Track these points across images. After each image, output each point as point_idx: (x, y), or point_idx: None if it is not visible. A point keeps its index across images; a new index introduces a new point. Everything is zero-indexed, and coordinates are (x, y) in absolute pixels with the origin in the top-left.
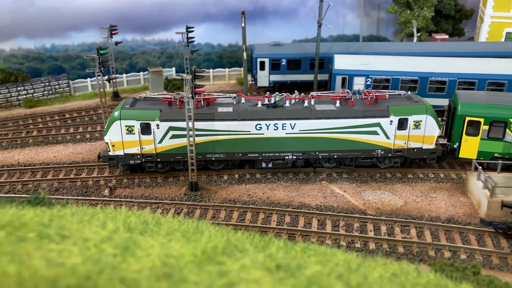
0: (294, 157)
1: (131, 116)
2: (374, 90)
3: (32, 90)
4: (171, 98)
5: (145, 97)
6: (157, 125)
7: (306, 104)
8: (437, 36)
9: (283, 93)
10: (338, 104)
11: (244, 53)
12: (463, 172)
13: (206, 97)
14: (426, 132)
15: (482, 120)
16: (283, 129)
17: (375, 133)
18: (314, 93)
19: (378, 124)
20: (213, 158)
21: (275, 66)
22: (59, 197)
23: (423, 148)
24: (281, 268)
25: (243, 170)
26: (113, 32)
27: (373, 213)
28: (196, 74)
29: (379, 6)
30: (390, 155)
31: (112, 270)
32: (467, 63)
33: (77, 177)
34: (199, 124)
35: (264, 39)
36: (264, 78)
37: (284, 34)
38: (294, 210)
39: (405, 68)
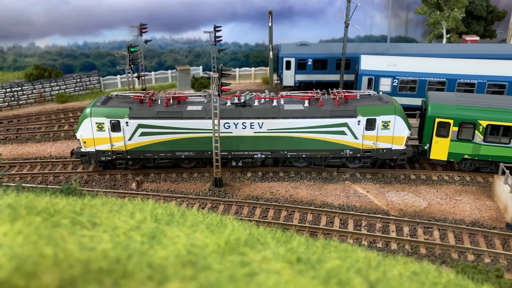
0: (263, 156)
1: (101, 114)
2: (343, 90)
3: (65, 86)
4: (142, 96)
5: (117, 95)
6: (127, 122)
7: (274, 103)
8: (468, 38)
9: (253, 93)
10: (306, 104)
11: (270, 53)
12: (490, 175)
13: (176, 95)
14: (395, 132)
15: (451, 121)
16: (251, 128)
17: (343, 133)
18: (283, 93)
19: (345, 124)
20: (183, 156)
21: (301, 66)
22: (89, 189)
23: (393, 148)
24: (301, 261)
25: (266, 168)
26: (143, 30)
27: (396, 214)
28: (223, 72)
29: (408, 7)
30: (359, 155)
31: (140, 255)
32: (498, 65)
33: (105, 170)
34: (168, 122)
35: (290, 39)
36: (289, 77)
37: (311, 34)
38: (317, 208)
39: (433, 69)
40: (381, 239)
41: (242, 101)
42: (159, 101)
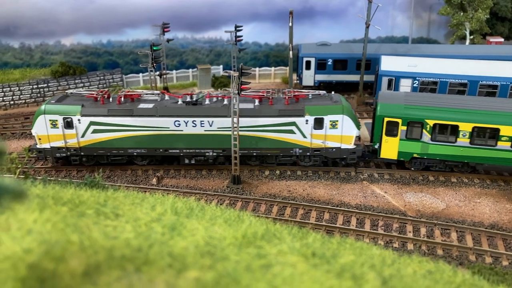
0: (214, 153)
1: (54, 111)
2: (294, 90)
3: (89, 83)
4: (95, 94)
5: (72, 93)
6: (79, 120)
7: (225, 102)
8: (492, 39)
9: (205, 91)
10: (257, 103)
11: (290, 52)
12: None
13: (129, 93)
14: (343, 132)
15: (400, 120)
16: (201, 126)
17: (292, 132)
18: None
19: (294, 123)
20: (135, 153)
21: (321, 66)
22: (111, 183)
23: (342, 148)
24: (316, 255)
25: (284, 167)
26: (165, 29)
27: (413, 215)
28: (243, 71)
29: (430, 8)
30: (308, 154)
31: (161, 245)
32: None
33: (127, 165)
34: (119, 120)
35: (311, 39)
36: (309, 77)
37: (332, 34)
38: (334, 207)
39: (454, 71)
40: (397, 239)
41: (194, 99)
42: (111, 99)
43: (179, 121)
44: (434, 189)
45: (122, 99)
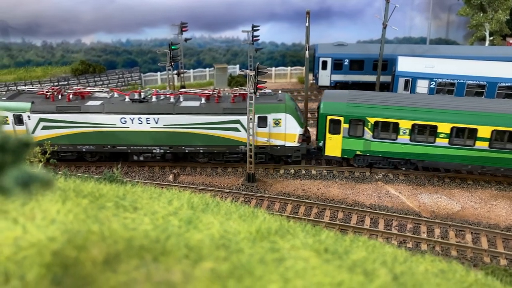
0: (161, 150)
1: (5, 108)
2: (240, 88)
3: (108, 81)
4: (45, 91)
5: (24, 90)
6: (28, 116)
7: (172, 99)
8: None
9: (152, 89)
10: (203, 101)
11: (306, 52)
12: None
13: (79, 90)
14: (287, 130)
15: (342, 118)
16: (147, 123)
17: (237, 129)
18: (183, 90)
19: (238, 121)
20: (84, 150)
21: (337, 66)
22: (129, 179)
23: (286, 145)
24: (328, 251)
25: (298, 166)
26: (183, 29)
27: (428, 216)
28: (259, 70)
29: (449, 8)
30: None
31: (177, 237)
32: None
33: (145, 161)
34: (67, 117)
35: (328, 39)
36: (325, 77)
37: (349, 34)
38: (348, 207)
39: (472, 72)
40: (411, 239)
41: (142, 96)
42: (60, 97)
43: (125, 118)
44: (449, 190)
45: (72, 96)
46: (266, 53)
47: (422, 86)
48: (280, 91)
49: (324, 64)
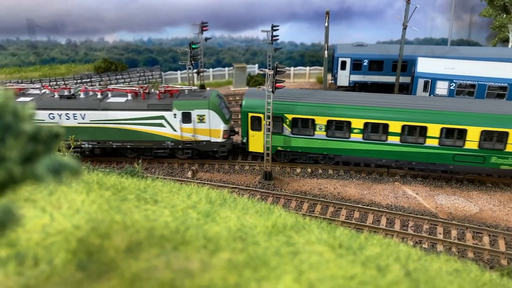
0: (90, 145)
1: None
2: (168, 85)
3: (129, 79)
4: None
5: None
6: None
7: (98, 96)
8: None
9: (81, 86)
10: (129, 97)
11: (325, 52)
12: None
13: (12, 87)
14: (211, 126)
15: (262, 116)
16: (74, 119)
17: (162, 125)
18: (110, 87)
19: (162, 117)
20: None
21: (356, 66)
22: (149, 175)
23: (212, 141)
24: (343, 247)
25: (316, 165)
26: (204, 28)
27: (445, 217)
28: (278, 69)
29: (472, 9)
30: (180, 146)
31: (196, 228)
32: None
33: (164, 158)
34: None
35: (347, 40)
36: (344, 77)
37: (369, 35)
38: (364, 207)
39: (494, 74)
40: (427, 240)
41: (71, 93)
42: None
43: (53, 114)
44: (467, 192)
45: None
46: (285, 52)
47: (441, 88)
48: (208, 89)
49: (343, 64)
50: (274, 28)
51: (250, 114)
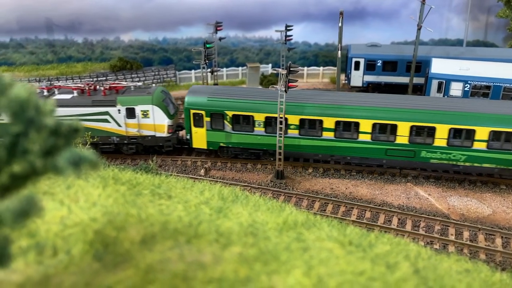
0: None
1: None
2: (113, 82)
3: (144, 78)
4: None
5: None
6: None
7: (45, 93)
8: None
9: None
10: (75, 94)
11: (339, 52)
12: None
13: None
14: (156, 121)
15: (203, 112)
16: None
17: (107, 121)
18: (57, 84)
19: (107, 113)
20: None
21: (370, 67)
22: (163, 171)
23: (157, 136)
24: (353, 244)
25: (328, 165)
26: (218, 28)
27: (457, 218)
28: (291, 69)
29: (488, 10)
30: (126, 141)
31: (209, 223)
32: None
33: (178, 156)
34: None
35: (362, 40)
36: (358, 78)
37: (383, 35)
38: (376, 207)
39: (510, 75)
40: (438, 241)
41: None
42: None
43: None
44: (480, 194)
45: None
46: (299, 52)
47: (455, 89)
48: (154, 85)
49: (357, 64)
50: (288, 28)
51: (192, 111)
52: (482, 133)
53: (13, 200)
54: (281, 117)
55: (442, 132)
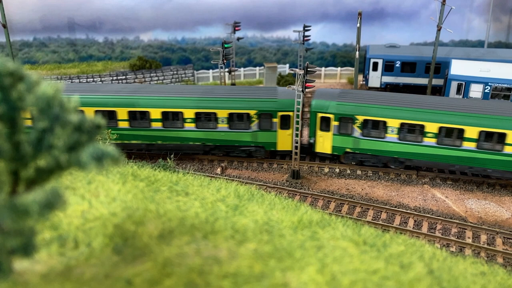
0: None
1: None
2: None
3: (163, 77)
4: None
5: None
6: None
7: None
8: None
9: None
10: None
11: (357, 53)
12: None
13: None
14: None
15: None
16: None
17: None
18: None
19: None
20: None
21: (388, 68)
22: (180, 169)
23: None
24: (367, 244)
25: (343, 165)
26: (236, 28)
27: (474, 222)
28: (308, 69)
29: (511, 11)
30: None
31: (225, 220)
32: None
33: (195, 153)
34: None
35: (380, 41)
36: (376, 79)
37: (402, 36)
38: (392, 208)
39: None
40: (455, 244)
41: None
42: None
43: None
44: (499, 197)
45: None
46: (317, 53)
47: (475, 91)
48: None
49: (375, 65)
50: (306, 28)
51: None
52: None
53: (39, 193)
54: (297, 117)
55: None
